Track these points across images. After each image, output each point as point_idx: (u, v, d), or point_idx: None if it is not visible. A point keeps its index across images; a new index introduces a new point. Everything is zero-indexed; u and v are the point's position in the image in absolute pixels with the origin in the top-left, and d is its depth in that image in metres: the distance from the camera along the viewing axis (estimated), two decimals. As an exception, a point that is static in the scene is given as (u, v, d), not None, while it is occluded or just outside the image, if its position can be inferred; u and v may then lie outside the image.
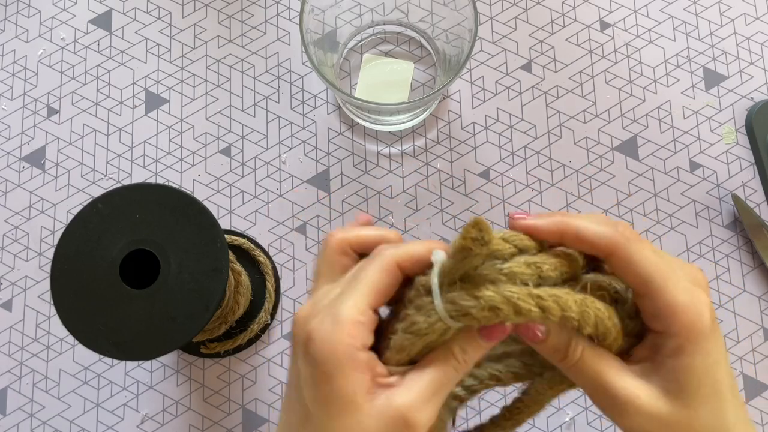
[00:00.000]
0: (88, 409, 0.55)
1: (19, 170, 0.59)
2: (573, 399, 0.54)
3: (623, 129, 0.59)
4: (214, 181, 0.59)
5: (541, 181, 0.58)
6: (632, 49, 0.60)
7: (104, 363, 0.56)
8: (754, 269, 0.56)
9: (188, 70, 0.61)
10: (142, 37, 0.61)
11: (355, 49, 0.61)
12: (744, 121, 0.59)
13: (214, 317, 0.51)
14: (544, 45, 0.60)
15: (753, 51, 0.60)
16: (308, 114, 0.60)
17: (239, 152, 0.59)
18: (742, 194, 0.57)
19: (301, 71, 0.60)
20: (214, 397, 0.55)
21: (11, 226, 0.58)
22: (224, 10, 0.62)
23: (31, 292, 0.57)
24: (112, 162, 0.59)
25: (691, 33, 0.61)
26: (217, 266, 0.42)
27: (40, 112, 0.60)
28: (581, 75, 0.60)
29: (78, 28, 0.62)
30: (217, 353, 0.55)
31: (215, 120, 0.60)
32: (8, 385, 0.56)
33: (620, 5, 0.61)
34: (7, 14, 0.62)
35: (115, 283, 0.42)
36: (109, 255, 0.42)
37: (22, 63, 0.61)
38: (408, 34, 0.60)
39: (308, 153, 0.59)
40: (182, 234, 0.43)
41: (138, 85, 0.60)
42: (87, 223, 0.43)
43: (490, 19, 0.61)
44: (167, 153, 0.59)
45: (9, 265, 0.58)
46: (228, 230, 0.57)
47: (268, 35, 0.61)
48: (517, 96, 0.60)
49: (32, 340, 0.56)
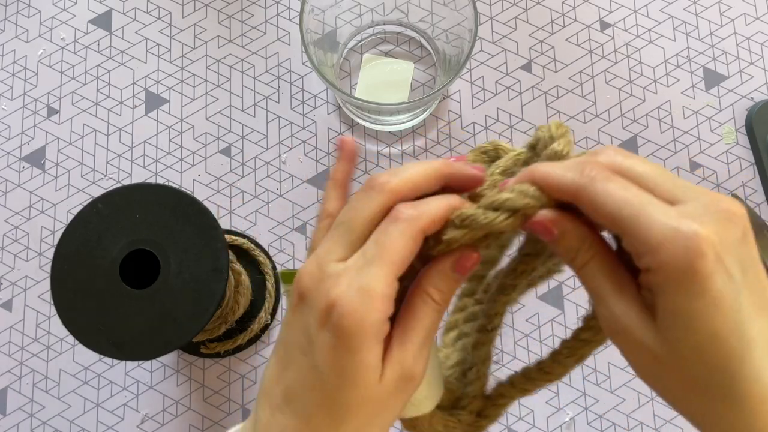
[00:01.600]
0: (88, 409, 0.55)
1: (19, 170, 0.59)
2: (573, 399, 0.54)
3: (623, 129, 0.59)
4: (214, 181, 0.59)
5: (541, 181, 0.58)
6: (632, 49, 0.60)
7: (104, 363, 0.56)
8: (754, 269, 0.56)
9: (188, 70, 0.61)
10: (142, 37, 0.61)
11: (355, 49, 0.61)
12: (744, 121, 0.59)
13: (214, 317, 0.51)
14: (544, 45, 0.60)
15: (753, 51, 0.60)
16: (308, 114, 0.60)
17: (239, 152, 0.59)
18: (742, 194, 0.57)
19: (301, 71, 0.60)
20: (214, 397, 0.55)
21: (11, 226, 0.58)
22: (224, 10, 0.62)
23: (31, 292, 0.57)
24: (112, 162, 0.59)
25: (691, 33, 0.61)
26: (217, 266, 0.42)
27: (40, 112, 0.60)
28: (581, 75, 0.60)
29: (78, 28, 0.62)
30: (217, 353, 0.55)
31: (215, 120, 0.60)
32: (8, 385, 0.56)
33: (620, 5, 0.61)
34: (7, 14, 0.62)
35: (115, 283, 0.42)
36: (109, 255, 0.42)
37: (22, 63, 0.61)
38: (408, 34, 0.60)
39: (308, 153, 0.59)
40: (182, 234, 0.43)
41: (138, 85, 0.60)
42: (87, 223, 0.43)
43: (490, 19, 0.61)
44: (167, 153, 0.59)
45: (9, 265, 0.58)
46: (228, 230, 0.57)
47: (268, 35, 0.61)
48: (517, 96, 0.60)
49: (32, 340, 0.56)
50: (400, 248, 0.26)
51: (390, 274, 0.26)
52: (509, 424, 0.54)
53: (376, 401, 0.27)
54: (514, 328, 0.55)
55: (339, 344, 0.26)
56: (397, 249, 0.26)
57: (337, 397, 0.26)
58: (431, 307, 0.28)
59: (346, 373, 0.26)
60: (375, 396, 0.27)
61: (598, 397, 0.54)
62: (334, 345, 0.26)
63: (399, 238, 0.26)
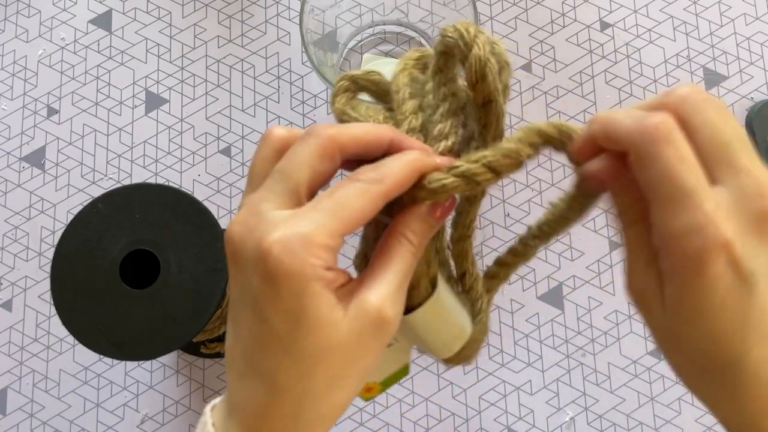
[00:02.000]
0: (88, 409, 0.55)
1: (19, 170, 0.59)
2: (573, 399, 0.54)
3: (623, 129, 0.59)
4: (214, 181, 0.59)
5: (541, 181, 0.58)
6: (632, 49, 0.60)
7: (104, 363, 0.56)
8: (754, 269, 0.56)
9: (188, 70, 0.61)
10: (142, 37, 0.61)
11: (355, 49, 0.61)
12: (744, 121, 0.59)
13: (214, 317, 0.51)
14: (544, 45, 0.60)
15: (753, 51, 0.60)
16: (308, 114, 0.60)
17: (239, 152, 0.59)
18: (742, 194, 0.57)
19: (301, 71, 0.60)
20: (214, 397, 0.55)
21: (11, 226, 0.58)
22: (224, 10, 0.62)
23: (31, 292, 0.57)
24: (112, 162, 0.59)
25: (691, 33, 0.61)
26: (217, 266, 0.42)
27: (40, 112, 0.60)
28: (581, 75, 0.60)
29: (78, 28, 0.62)
30: (217, 353, 0.55)
31: (215, 120, 0.60)
32: (8, 385, 0.56)
33: (620, 5, 0.61)
34: (7, 14, 0.62)
35: (115, 283, 0.42)
36: (109, 255, 0.42)
37: (22, 63, 0.61)
38: (408, 34, 0.60)
39: (308, 153, 0.59)
40: (182, 234, 0.43)
41: (138, 85, 0.60)
42: (87, 223, 0.43)
43: (490, 19, 0.61)
44: (167, 153, 0.59)
45: (9, 265, 0.58)
46: (228, 230, 0.57)
47: (268, 35, 0.61)
48: (517, 96, 0.60)
49: (32, 340, 0.56)
50: (356, 208, 0.24)
51: (337, 229, 0.24)
52: (509, 424, 0.54)
53: (343, 347, 0.25)
54: (514, 328, 0.55)
55: (282, 292, 0.24)
56: (354, 208, 0.24)
57: (296, 348, 0.24)
58: (406, 248, 0.26)
59: (298, 320, 0.24)
60: (340, 341, 0.25)
61: (598, 397, 0.54)
62: (277, 293, 0.24)
63: (358, 198, 0.25)
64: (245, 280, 0.25)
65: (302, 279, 0.23)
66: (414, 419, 0.54)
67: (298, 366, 0.25)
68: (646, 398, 0.54)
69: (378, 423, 0.54)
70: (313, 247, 0.24)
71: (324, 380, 0.25)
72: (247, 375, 0.26)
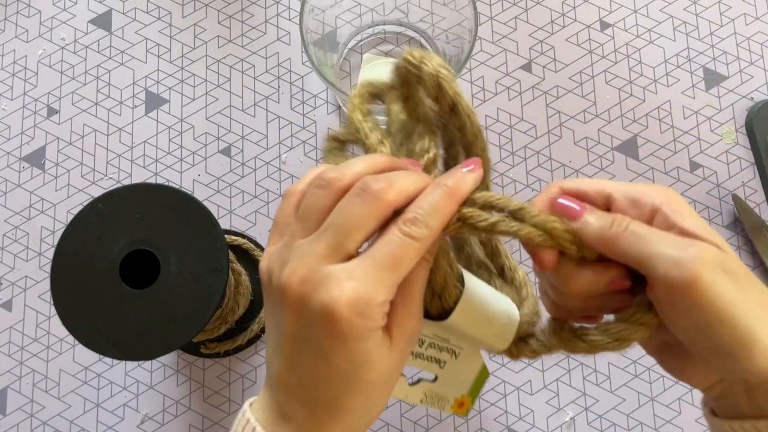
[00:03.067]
0: (88, 409, 0.55)
1: (19, 170, 0.59)
2: (573, 399, 0.54)
3: (623, 129, 0.59)
4: (214, 181, 0.59)
5: (541, 181, 0.58)
6: (632, 49, 0.60)
7: (104, 363, 0.56)
8: (754, 269, 0.56)
9: (188, 70, 0.61)
10: (142, 37, 0.61)
11: (355, 49, 0.61)
12: (744, 121, 0.59)
13: (214, 317, 0.51)
14: (544, 45, 0.60)
15: (753, 51, 0.60)
16: (308, 114, 0.60)
17: (239, 152, 0.59)
18: (742, 194, 0.57)
19: (301, 71, 0.60)
20: (214, 397, 0.55)
21: (11, 226, 0.58)
22: (224, 10, 0.62)
23: (31, 292, 0.57)
24: (112, 162, 0.59)
25: (691, 33, 0.61)
26: (217, 266, 0.42)
27: (40, 112, 0.60)
28: (581, 75, 0.60)
29: (78, 28, 0.62)
30: (217, 353, 0.55)
31: (215, 120, 0.60)
32: (8, 385, 0.56)
33: (620, 5, 0.61)
34: (7, 14, 0.62)
35: (115, 283, 0.42)
36: (109, 255, 0.42)
37: (22, 63, 0.61)
38: (408, 34, 0.60)
39: (308, 153, 0.59)
40: (182, 234, 0.43)
41: (138, 85, 0.60)
42: (87, 223, 0.43)
43: (490, 19, 0.61)
44: (167, 153, 0.59)
45: (9, 265, 0.58)
46: (228, 230, 0.57)
47: (268, 35, 0.61)
48: (517, 96, 0.60)
49: (32, 340, 0.56)
50: (410, 261, 0.27)
51: (395, 282, 0.27)
52: (509, 424, 0.54)
53: (393, 367, 0.29)
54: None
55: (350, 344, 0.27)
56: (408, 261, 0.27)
57: (358, 380, 0.28)
58: (423, 267, 0.29)
59: (362, 363, 0.28)
60: (391, 364, 0.29)
61: (598, 397, 0.54)
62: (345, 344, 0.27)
63: (409, 251, 0.27)
64: (307, 329, 0.28)
65: (367, 333, 0.27)
66: (414, 419, 0.54)
67: (358, 395, 0.29)
68: (646, 398, 0.54)
69: (378, 423, 0.54)
70: (376, 306, 0.27)
71: (376, 398, 0.29)
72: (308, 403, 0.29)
